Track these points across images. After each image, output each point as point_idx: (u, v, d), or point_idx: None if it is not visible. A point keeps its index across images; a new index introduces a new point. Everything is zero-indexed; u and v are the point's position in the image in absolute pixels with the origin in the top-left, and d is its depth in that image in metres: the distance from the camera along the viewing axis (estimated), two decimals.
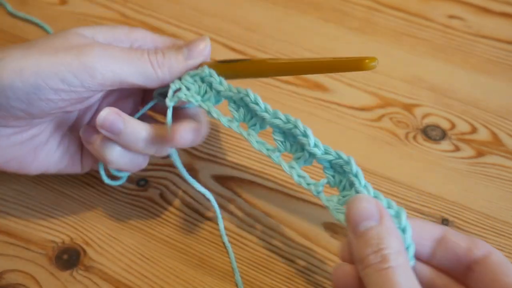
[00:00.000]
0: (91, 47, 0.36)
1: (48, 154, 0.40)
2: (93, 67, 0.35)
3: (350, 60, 0.33)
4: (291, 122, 0.36)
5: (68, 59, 0.35)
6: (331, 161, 0.35)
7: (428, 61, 0.54)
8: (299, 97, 0.51)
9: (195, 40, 0.39)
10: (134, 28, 0.40)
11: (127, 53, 0.37)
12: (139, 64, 0.37)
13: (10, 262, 0.40)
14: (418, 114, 0.50)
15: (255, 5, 0.58)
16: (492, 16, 0.58)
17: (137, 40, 0.40)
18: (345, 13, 0.58)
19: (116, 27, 0.40)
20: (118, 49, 0.37)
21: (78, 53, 0.35)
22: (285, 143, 0.37)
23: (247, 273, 0.40)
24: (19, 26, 0.56)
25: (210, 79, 0.38)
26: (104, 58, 0.36)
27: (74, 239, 0.41)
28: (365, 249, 0.30)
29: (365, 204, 0.31)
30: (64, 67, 0.35)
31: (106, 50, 0.36)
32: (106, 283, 0.39)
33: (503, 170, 0.46)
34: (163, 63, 0.38)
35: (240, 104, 0.38)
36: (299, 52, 0.54)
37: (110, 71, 0.36)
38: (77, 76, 0.35)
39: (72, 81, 0.35)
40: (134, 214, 0.43)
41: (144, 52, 0.37)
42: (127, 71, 0.36)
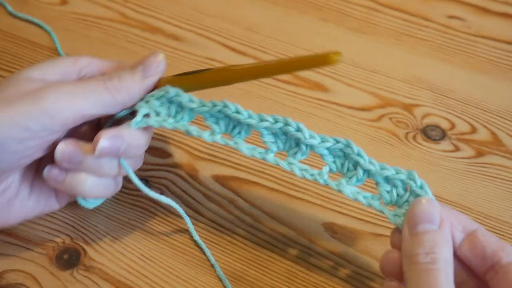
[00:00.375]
0: (45, 90, 0.35)
1: (23, 203, 0.39)
2: (52, 110, 0.35)
3: (315, 56, 0.33)
4: (281, 121, 0.36)
5: (26, 108, 0.34)
6: (329, 148, 0.36)
7: (428, 61, 0.54)
8: (299, 97, 0.51)
9: (148, 57, 0.38)
10: (78, 57, 0.39)
11: (81, 86, 0.36)
12: (96, 94, 0.36)
13: (10, 262, 0.40)
14: (418, 114, 0.50)
15: (255, 5, 0.58)
16: (492, 16, 0.58)
17: (83, 69, 0.39)
18: (345, 13, 0.58)
19: (60, 60, 0.38)
20: (71, 85, 0.36)
21: (33, 99, 0.35)
22: (277, 142, 0.37)
23: (247, 273, 0.40)
24: (19, 26, 0.56)
25: (177, 98, 0.38)
26: (60, 98, 0.35)
27: (74, 239, 0.41)
28: (417, 248, 0.31)
29: (429, 208, 0.33)
30: (24, 115, 0.34)
31: (61, 88, 0.35)
32: (106, 283, 0.39)
33: (502, 170, 0.46)
34: (120, 87, 0.37)
35: (219, 116, 0.37)
36: (299, 52, 0.54)
37: (69, 110, 0.35)
38: (38, 121, 0.35)
39: (35, 128, 0.35)
40: (134, 214, 0.43)
41: (99, 80, 0.37)
42: (86, 105, 0.36)
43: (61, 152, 0.36)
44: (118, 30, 0.56)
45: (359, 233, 0.42)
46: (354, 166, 0.36)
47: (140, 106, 0.38)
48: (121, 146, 0.37)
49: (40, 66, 0.38)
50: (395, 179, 0.35)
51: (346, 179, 0.36)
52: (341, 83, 0.52)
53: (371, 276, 0.40)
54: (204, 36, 0.55)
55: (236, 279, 0.40)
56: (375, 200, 0.35)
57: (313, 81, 0.52)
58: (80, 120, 0.36)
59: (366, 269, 0.40)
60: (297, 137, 0.36)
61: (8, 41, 0.54)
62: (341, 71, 0.53)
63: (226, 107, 0.37)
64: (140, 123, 0.37)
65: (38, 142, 0.36)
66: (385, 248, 0.41)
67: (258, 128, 0.37)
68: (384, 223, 0.43)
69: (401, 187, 0.35)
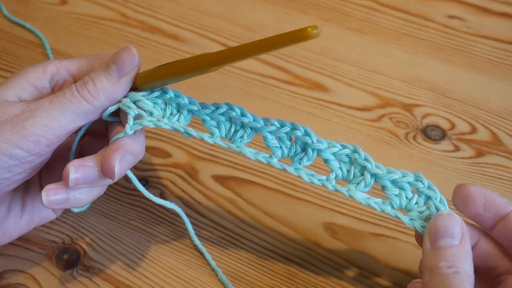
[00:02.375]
0: (22, 117, 0.34)
1: (16, 221, 0.38)
2: (33, 136, 0.34)
3: (292, 32, 0.31)
4: (287, 125, 0.36)
5: (7, 136, 0.34)
6: (335, 153, 0.35)
7: (428, 61, 0.54)
8: (299, 97, 0.51)
9: (121, 53, 0.36)
10: (45, 65, 0.38)
11: (57, 102, 0.35)
12: (74, 107, 0.35)
13: (10, 262, 0.40)
14: (418, 114, 0.50)
15: (255, 5, 0.58)
16: (492, 16, 0.58)
17: (54, 76, 0.38)
18: (345, 13, 0.58)
19: (28, 74, 0.37)
20: (47, 103, 0.35)
21: (13, 126, 0.34)
22: (281, 148, 0.36)
23: (248, 273, 0.40)
24: (18, 26, 0.56)
25: (177, 99, 0.37)
26: (38, 122, 0.34)
27: (74, 239, 0.41)
28: (440, 262, 0.32)
29: (451, 222, 0.33)
30: (7, 144, 0.34)
31: (37, 112, 0.35)
32: (106, 283, 0.39)
33: (503, 170, 0.46)
34: (96, 92, 0.35)
35: (220, 119, 0.37)
36: (299, 53, 0.54)
37: (50, 131, 0.34)
38: (22, 148, 0.34)
39: (20, 154, 0.34)
40: (134, 214, 0.43)
41: (73, 89, 0.35)
42: (66, 121, 0.35)
43: (74, 180, 0.35)
44: (118, 30, 0.56)
45: (359, 233, 0.42)
46: (360, 171, 0.36)
47: (128, 107, 0.36)
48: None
49: (12, 84, 0.37)
50: (402, 182, 0.35)
51: (354, 185, 0.36)
52: (341, 83, 0.52)
53: (371, 276, 0.40)
54: (204, 36, 0.55)
55: (236, 279, 0.40)
56: (386, 205, 0.35)
57: (313, 81, 0.52)
58: (65, 136, 0.36)
59: (366, 269, 0.40)
60: (304, 141, 0.35)
61: (8, 41, 0.54)
62: (341, 71, 0.53)
63: (231, 109, 0.36)
64: (134, 126, 0.36)
65: (27, 167, 0.35)
66: (385, 248, 0.41)
67: (263, 132, 0.36)
68: (384, 223, 0.43)
69: (409, 189, 0.35)
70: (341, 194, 0.35)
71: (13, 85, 0.37)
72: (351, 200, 0.44)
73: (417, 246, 0.41)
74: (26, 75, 0.37)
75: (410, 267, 0.41)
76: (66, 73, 0.38)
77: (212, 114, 0.37)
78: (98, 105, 0.36)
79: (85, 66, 0.38)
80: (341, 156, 0.36)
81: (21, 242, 0.41)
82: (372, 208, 0.34)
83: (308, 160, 0.36)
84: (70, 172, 0.34)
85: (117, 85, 0.36)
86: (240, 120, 0.36)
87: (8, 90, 0.36)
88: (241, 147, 0.36)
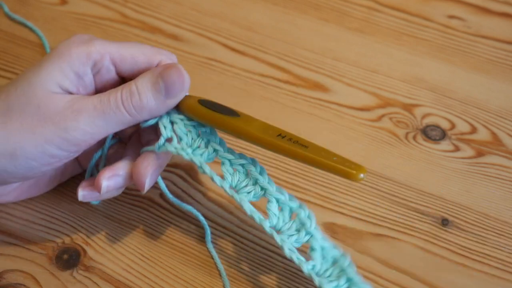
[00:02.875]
0: (65, 117, 0.35)
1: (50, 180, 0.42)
2: (74, 139, 0.36)
3: (341, 168, 0.32)
4: (295, 202, 0.37)
5: (49, 135, 0.35)
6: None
7: (428, 61, 0.54)
8: (299, 97, 0.51)
9: (170, 72, 0.36)
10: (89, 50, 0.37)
11: (101, 111, 0.36)
12: (116, 118, 0.36)
13: (10, 262, 0.40)
14: (418, 114, 0.50)
15: (255, 5, 0.58)
16: (492, 16, 0.58)
17: (96, 63, 0.37)
18: (345, 13, 0.58)
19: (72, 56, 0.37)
20: (91, 108, 0.36)
21: (56, 127, 0.35)
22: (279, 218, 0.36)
23: (247, 273, 0.40)
24: (19, 26, 0.56)
25: (209, 136, 0.38)
26: (81, 127, 0.35)
27: (74, 239, 0.41)
28: None
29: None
30: (49, 145, 0.35)
31: (80, 115, 0.35)
32: (106, 283, 0.39)
33: (503, 170, 0.46)
34: (141, 108, 0.36)
35: (238, 168, 0.37)
36: (299, 53, 0.54)
37: (91, 135, 0.36)
38: (62, 148, 0.36)
39: (61, 154, 0.36)
40: (134, 214, 0.43)
41: (118, 100, 0.36)
42: (108, 128, 0.36)
43: (106, 188, 0.38)
44: (118, 30, 0.56)
45: (359, 233, 0.42)
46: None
47: (164, 127, 0.37)
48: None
49: (53, 69, 0.36)
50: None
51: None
52: (341, 83, 0.52)
53: (371, 276, 0.40)
54: (204, 36, 0.55)
55: (236, 279, 0.40)
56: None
57: (313, 81, 0.52)
58: (102, 138, 0.37)
59: (366, 269, 0.40)
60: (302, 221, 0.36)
61: (8, 41, 0.54)
62: (341, 71, 0.53)
63: (253, 164, 0.37)
64: (162, 147, 0.37)
65: (66, 160, 0.38)
66: (385, 248, 0.41)
67: (271, 195, 0.36)
68: (384, 223, 0.43)
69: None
70: (341, 194, 0.35)
71: (54, 71, 0.36)
72: (351, 201, 0.44)
73: (417, 246, 0.42)
74: (69, 59, 0.37)
75: (410, 267, 0.41)
76: (108, 61, 0.38)
77: (233, 161, 0.37)
78: (140, 119, 0.37)
79: (127, 55, 0.38)
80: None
81: (21, 242, 0.41)
82: (372, 209, 0.34)
83: None
84: (102, 183, 0.37)
85: (162, 106, 0.37)
86: (255, 177, 0.37)
87: (49, 77, 0.36)
88: (243, 200, 0.36)
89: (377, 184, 0.45)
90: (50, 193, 0.43)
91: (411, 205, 0.44)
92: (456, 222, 0.43)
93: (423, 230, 0.42)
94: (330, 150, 0.34)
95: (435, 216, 0.43)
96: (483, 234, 0.42)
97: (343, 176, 0.32)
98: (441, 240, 0.42)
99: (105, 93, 0.37)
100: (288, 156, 0.34)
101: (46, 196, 0.43)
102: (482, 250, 0.42)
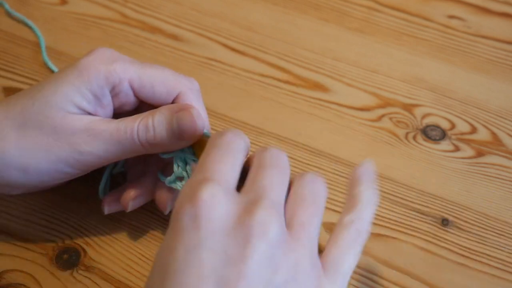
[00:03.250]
0: (80, 140, 0.36)
1: None
2: (87, 161, 0.37)
3: None
4: None
5: (63, 156, 0.36)
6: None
7: (428, 61, 0.54)
8: (299, 97, 0.51)
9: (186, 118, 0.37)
10: (109, 71, 0.37)
11: (116, 140, 0.36)
12: (130, 148, 0.37)
13: (10, 262, 0.40)
14: (418, 114, 0.50)
15: (255, 5, 0.58)
16: (492, 16, 0.58)
17: (115, 87, 0.37)
18: (345, 13, 0.58)
19: (90, 78, 0.37)
20: (107, 135, 0.36)
21: (71, 148, 0.36)
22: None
23: None
24: (19, 26, 0.56)
25: None
26: (95, 152, 0.36)
27: (74, 239, 0.41)
28: None
29: None
30: (62, 164, 0.36)
31: (95, 140, 0.36)
32: (106, 283, 0.39)
33: (503, 170, 0.46)
34: (154, 144, 0.37)
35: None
36: (299, 53, 0.54)
37: (104, 160, 0.37)
38: (74, 167, 0.37)
39: (72, 171, 0.37)
40: (134, 214, 0.43)
41: (134, 133, 0.36)
42: (120, 155, 0.37)
43: (131, 206, 0.40)
44: (118, 30, 0.56)
45: None
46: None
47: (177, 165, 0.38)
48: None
49: (69, 89, 0.36)
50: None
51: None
52: (341, 83, 0.52)
53: (371, 276, 0.40)
54: (204, 36, 0.55)
55: None
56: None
57: (313, 81, 0.52)
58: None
59: (366, 269, 0.40)
60: None
61: (8, 41, 0.54)
62: (341, 71, 0.53)
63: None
64: (172, 183, 0.38)
65: (75, 176, 0.39)
66: (385, 248, 0.41)
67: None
68: (384, 223, 0.43)
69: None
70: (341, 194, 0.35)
71: (71, 91, 0.37)
72: None
73: (417, 246, 0.42)
74: (87, 81, 0.37)
75: (410, 267, 0.41)
76: (127, 86, 0.38)
77: None
78: (153, 152, 0.38)
79: (147, 83, 0.38)
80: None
81: (21, 242, 0.41)
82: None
83: None
84: (129, 203, 0.40)
85: (175, 145, 0.37)
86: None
87: (66, 97, 0.36)
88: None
89: (377, 184, 0.45)
90: (50, 193, 0.43)
91: (411, 205, 0.44)
92: (456, 222, 0.43)
93: (423, 230, 0.42)
94: None
95: (435, 216, 0.43)
96: (483, 234, 0.42)
97: None
98: (441, 240, 0.42)
99: (122, 120, 0.37)
100: None
101: (46, 196, 0.43)
102: (482, 250, 0.42)
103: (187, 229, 0.28)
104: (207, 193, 0.28)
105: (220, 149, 0.31)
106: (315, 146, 0.47)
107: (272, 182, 0.31)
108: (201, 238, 0.27)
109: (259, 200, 0.29)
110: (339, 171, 0.46)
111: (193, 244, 0.27)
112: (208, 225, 0.28)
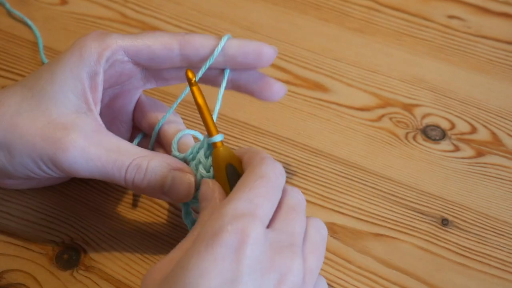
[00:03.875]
0: (64, 152, 0.35)
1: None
2: (65, 171, 0.36)
3: None
4: None
5: (45, 157, 0.36)
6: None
7: (428, 61, 0.54)
8: (299, 97, 0.51)
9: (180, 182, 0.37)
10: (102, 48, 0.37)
11: (102, 165, 0.36)
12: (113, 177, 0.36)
13: (10, 262, 0.40)
14: (418, 114, 0.50)
15: (255, 5, 0.58)
16: (492, 16, 0.58)
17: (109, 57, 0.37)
18: (344, 13, 0.58)
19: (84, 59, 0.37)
20: (95, 157, 0.36)
21: (54, 154, 0.36)
22: None
23: None
24: (19, 26, 0.56)
25: None
26: (77, 167, 0.36)
27: (74, 239, 0.41)
28: None
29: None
30: (41, 163, 0.36)
31: (80, 158, 0.36)
32: (106, 283, 0.39)
33: (503, 170, 0.46)
34: (139, 186, 0.37)
35: None
36: (299, 53, 0.54)
37: (82, 174, 0.36)
38: (53, 171, 0.37)
39: (51, 173, 0.37)
40: (134, 214, 0.43)
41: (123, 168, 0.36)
42: (99, 177, 0.37)
43: None
44: (118, 30, 0.56)
45: (359, 233, 0.42)
46: None
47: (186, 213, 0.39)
48: None
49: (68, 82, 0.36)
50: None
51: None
52: (341, 83, 0.52)
53: (371, 276, 0.40)
54: None
55: None
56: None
57: (313, 81, 0.52)
58: None
59: (366, 269, 0.40)
60: None
61: (8, 41, 0.54)
62: (341, 71, 0.53)
63: None
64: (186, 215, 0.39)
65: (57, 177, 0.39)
66: (385, 248, 0.41)
67: None
68: (384, 223, 0.43)
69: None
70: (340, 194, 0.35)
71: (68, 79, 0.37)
72: (351, 200, 0.44)
73: (417, 246, 0.42)
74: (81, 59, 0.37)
75: (410, 267, 0.41)
76: (122, 54, 0.38)
77: None
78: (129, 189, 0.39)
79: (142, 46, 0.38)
80: None
81: (21, 242, 0.41)
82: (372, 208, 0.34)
83: None
84: None
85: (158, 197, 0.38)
86: None
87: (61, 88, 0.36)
88: None
89: (377, 184, 0.45)
90: (50, 193, 0.43)
91: (411, 205, 0.44)
92: (456, 222, 0.43)
93: (423, 230, 0.42)
94: None
95: (435, 216, 0.43)
96: (483, 234, 0.42)
97: None
98: (441, 240, 0.42)
99: (116, 146, 0.36)
100: None
101: (46, 196, 0.43)
102: (482, 250, 0.42)
103: (227, 259, 0.28)
104: (255, 232, 0.29)
105: (268, 183, 0.32)
106: (315, 146, 0.47)
107: (301, 227, 0.32)
108: (240, 273, 0.28)
109: (292, 247, 0.31)
110: (339, 171, 0.46)
111: (231, 277, 0.28)
112: (249, 262, 0.29)
